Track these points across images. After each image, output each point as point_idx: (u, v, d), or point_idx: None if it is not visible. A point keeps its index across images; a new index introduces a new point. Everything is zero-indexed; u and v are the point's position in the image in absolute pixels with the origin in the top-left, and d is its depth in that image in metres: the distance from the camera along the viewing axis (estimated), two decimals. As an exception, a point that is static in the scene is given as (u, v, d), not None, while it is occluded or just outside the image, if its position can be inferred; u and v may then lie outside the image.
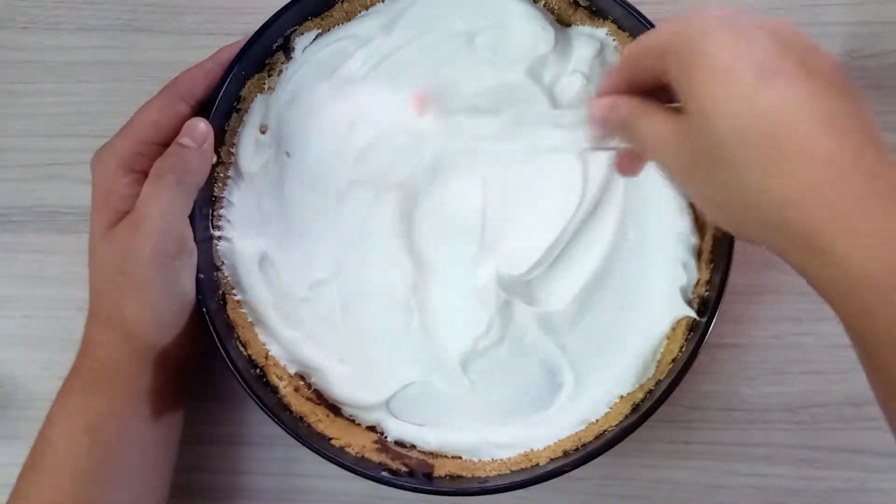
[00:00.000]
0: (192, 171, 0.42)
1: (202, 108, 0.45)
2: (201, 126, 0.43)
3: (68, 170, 0.52)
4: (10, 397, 0.51)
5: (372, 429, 0.47)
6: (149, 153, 0.43)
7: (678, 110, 0.32)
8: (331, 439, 0.45)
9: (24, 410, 0.50)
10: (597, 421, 0.46)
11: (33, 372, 0.50)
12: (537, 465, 0.45)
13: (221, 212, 0.47)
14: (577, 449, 0.45)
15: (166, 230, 0.41)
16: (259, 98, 0.48)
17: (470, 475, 0.45)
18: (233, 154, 0.48)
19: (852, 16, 0.50)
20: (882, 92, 0.50)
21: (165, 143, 0.43)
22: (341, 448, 0.45)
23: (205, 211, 0.46)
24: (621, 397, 0.46)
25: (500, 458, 0.46)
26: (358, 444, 0.46)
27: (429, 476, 0.45)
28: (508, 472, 0.45)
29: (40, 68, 0.52)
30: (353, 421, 0.47)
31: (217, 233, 0.47)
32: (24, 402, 0.50)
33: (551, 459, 0.45)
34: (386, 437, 0.47)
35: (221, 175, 0.47)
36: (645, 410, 0.43)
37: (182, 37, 0.52)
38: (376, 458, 0.45)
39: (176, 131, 0.43)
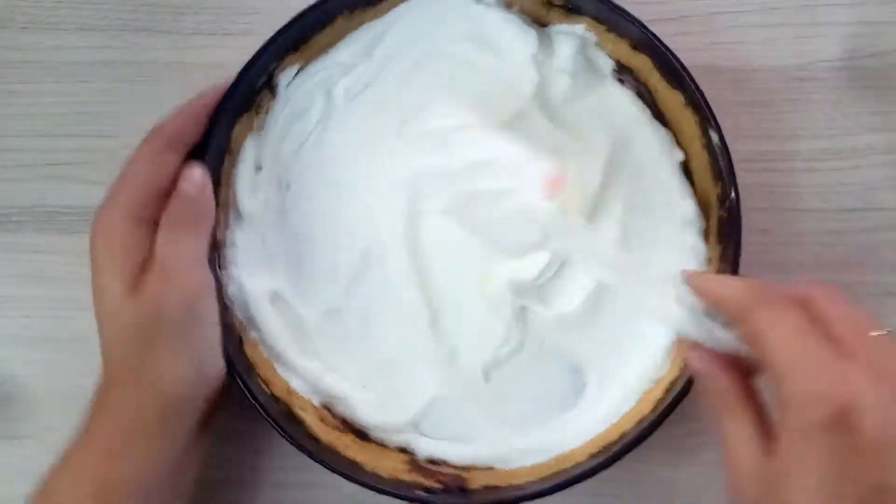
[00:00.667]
0: (202, 219, 0.42)
1: (193, 153, 0.44)
2: (199, 172, 0.42)
3: (69, 170, 0.52)
4: (10, 397, 0.50)
5: (402, 449, 0.47)
6: (152, 203, 0.42)
7: (772, 445, 0.31)
8: (362, 465, 0.45)
9: (25, 411, 0.50)
10: (623, 417, 0.46)
11: (33, 372, 0.50)
12: (576, 464, 0.45)
13: (227, 254, 0.47)
14: (607, 447, 0.44)
15: (195, 280, 0.41)
16: (250, 138, 0.48)
17: (505, 484, 0.45)
18: (231, 196, 0.47)
19: (852, 16, 0.50)
20: (882, 92, 0.51)
21: (165, 191, 0.42)
22: (374, 472, 0.44)
23: (210, 256, 0.45)
24: (645, 392, 0.46)
25: (532, 464, 0.46)
26: (389, 466, 0.45)
27: (463, 490, 0.45)
28: (541, 476, 0.45)
29: (40, 68, 0.52)
30: (381, 444, 0.47)
31: (225, 275, 0.46)
32: (25, 402, 0.50)
33: (590, 456, 0.45)
34: (416, 456, 0.47)
35: (222, 218, 0.47)
36: (671, 401, 0.43)
37: (182, 37, 0.52)
38: (409, 478, 0.45)
39: (172, 179, 0.42)
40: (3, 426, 0.50)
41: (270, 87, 0.48)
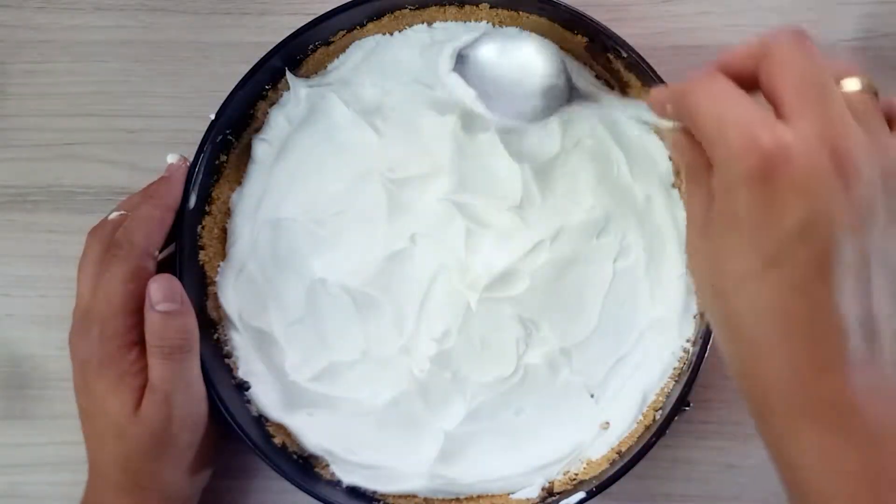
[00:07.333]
0: (189, 336, 0.42)
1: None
2: (170, 284, 0.42)
3: (85, 149, 0.52)
4: (27, 377, 0.51)
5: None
6: (137, 323, 0.42)
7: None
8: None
9: (41, 390, 0.50)
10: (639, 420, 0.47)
11: (49, 352, 0.50)
12: (615, 460, 0.45)
13: (238, 365, 0.48)
14: (628, 449, 0.45)
15: (193, 398, 0.43)
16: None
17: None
18: (220, 304, 0.48)
19: (869, -5, 0.50)
20: (897, 73, 0.51)
21: (144, 305, 0.42)
22: None
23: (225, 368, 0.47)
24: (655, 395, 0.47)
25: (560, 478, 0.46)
26: None
27: None
28: (576, 482, 0.46)
29: (57, 48, 0.52)
30: None
31: (245, 384, 0.47)
32: (41, 382, 0.50)
33: (618, 455, 0.46)
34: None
35: (222, 332, 0.48)
36: (679, 395, 0.44)
37: (199, 17, 0.52)
38: None
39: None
40: (20, 406, 0.50)
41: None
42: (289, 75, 0.48)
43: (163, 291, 0.41)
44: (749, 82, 0.30)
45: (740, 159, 0.27)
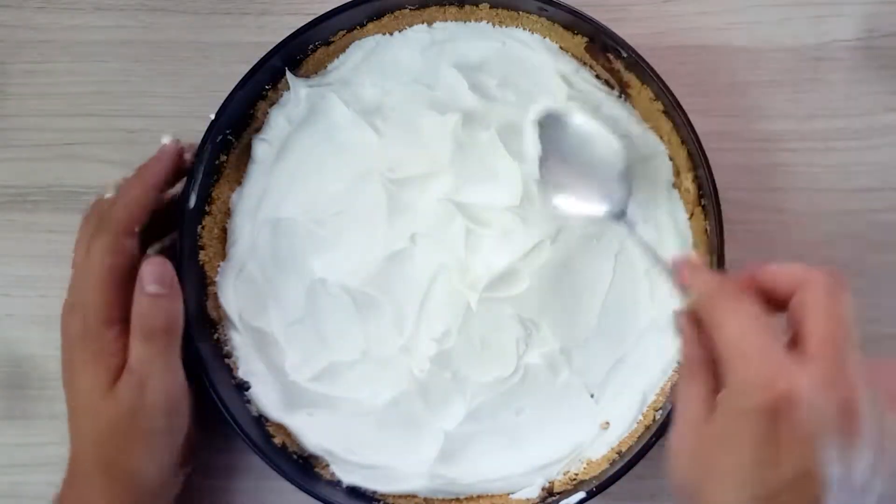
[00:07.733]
0: (173, 320, 0.42)
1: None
2: (163, 268, 0.42)
3: (85, 149, 0.52)
4: (27, 377, 0.51)
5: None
6: (118, 300, 0.42)
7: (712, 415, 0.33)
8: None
9: (40, 390, 0.50)
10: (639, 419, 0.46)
11: (49, 352, 0.50)
12: (615, 460, 0.45)
13: (238, 365, 0.48)
14: (628, 449, 0.45)
15: (168, 384, 0.42)
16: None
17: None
18: (220, 304, 0.47)
19: (871, -5, 0.51)
20: (899, 72, 0.51)
21: (127, 278, 0.42)
22: None
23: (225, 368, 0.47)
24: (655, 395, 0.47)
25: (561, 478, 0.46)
26: None
27: None
28: (576, 482, 0.46)
29: (57, 48, 0.52)
30: None
31: (245, 384, 0.47)
32: (41, 382, 0.50)
33: (618, 455, 0.46)
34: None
35: (222, 332, 0.48)
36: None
37: (199, 17, 0.52)
38: None
39: (133, 264, 0.42)
40: (20, 406, 0.50)
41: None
42: (289, 75, 0.48)
43: (154, 275, 0.41)
44: (777, 302, 0.34)
45: (754, 393, 0.31)
